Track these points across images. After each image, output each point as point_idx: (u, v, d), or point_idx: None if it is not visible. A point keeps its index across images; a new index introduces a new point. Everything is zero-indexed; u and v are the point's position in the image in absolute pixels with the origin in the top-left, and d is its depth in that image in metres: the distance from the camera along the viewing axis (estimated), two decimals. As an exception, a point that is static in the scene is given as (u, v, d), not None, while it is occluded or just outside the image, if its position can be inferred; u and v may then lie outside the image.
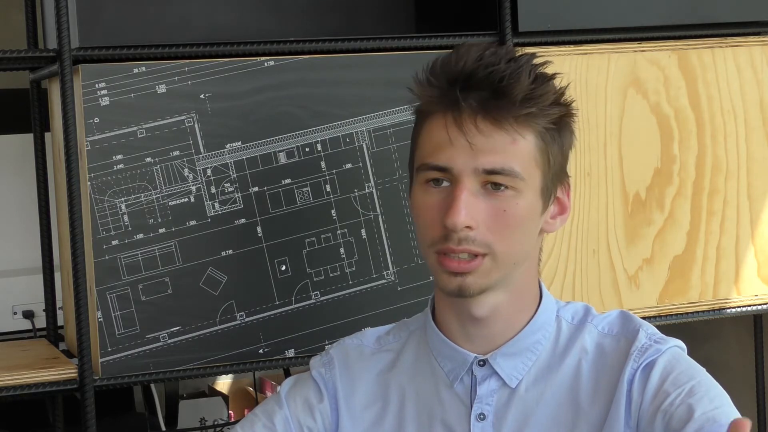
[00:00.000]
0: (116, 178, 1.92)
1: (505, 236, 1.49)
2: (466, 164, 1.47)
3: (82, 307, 1.92)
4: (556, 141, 1.52)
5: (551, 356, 1.55)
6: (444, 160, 1.48)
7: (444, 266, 1.49)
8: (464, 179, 1.47)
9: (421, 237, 1.53)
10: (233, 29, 2.10)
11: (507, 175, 1.47)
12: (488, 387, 1.54)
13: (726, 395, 1.47)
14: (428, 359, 1.59)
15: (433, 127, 1.51)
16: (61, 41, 1.92)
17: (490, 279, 1.50)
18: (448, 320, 1.57)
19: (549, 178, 1.52)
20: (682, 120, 2.23)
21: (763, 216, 2.29)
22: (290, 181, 2.00)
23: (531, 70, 1.48)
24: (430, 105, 1.52)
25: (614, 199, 2.20)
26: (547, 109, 1.49)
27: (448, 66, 1.50)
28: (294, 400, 1.61)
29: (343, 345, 1.66)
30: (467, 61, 1.48)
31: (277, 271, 2.00)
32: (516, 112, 1.47)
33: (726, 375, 1.72)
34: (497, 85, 1.46)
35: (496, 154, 1.47)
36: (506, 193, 1.48)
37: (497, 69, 1.47)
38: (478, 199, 1.48)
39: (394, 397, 1.59)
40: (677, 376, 1.47)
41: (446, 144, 1.48)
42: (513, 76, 1.46)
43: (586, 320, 1.57)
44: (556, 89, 1.51)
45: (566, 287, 2.17)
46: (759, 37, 2.29)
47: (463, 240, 1.47)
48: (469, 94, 1.47)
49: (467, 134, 1.47)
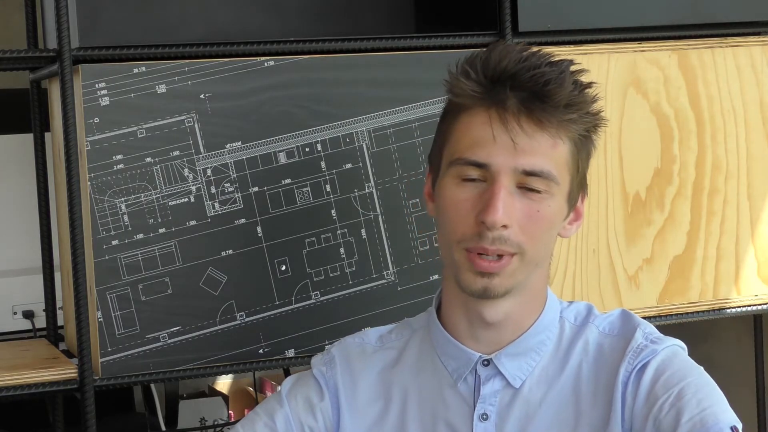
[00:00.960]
0: (116, 178, 1.92)
1: (535, 237, 1.48)
2: (506, 162, 1.46)
3: (82, 307, 1.92)
4: (585, 148, 1.53)
5: (554, 357, 1.55)
6: (484, 156, 1.47)
7: (474, 264, 1.48)
8: (502, 177, 1.46)
9: (449, 232, 1.50)
10: (233, 29, 2.10)
11: (545, 179, 1.47)
12: (492, 387, 1.54)
13: (719, 394, 1.47)
14: (432, 357, 1.59)
15: (472, 122, 1.49)
16: (61, 41, 1.92)
17: (515, 280, 1.50)
18: (456, 320, 1.56)
19: (575, 184, 1.53)
20: (682, 120, 2.23)
21: (763, 216, 2.29)
22: (290, 181, 2.00)
23: (572, 75, 1.49)
24: (470, 99, 1.49)
25: (614, 199, 2.20)
26: (585, 117, 1.49)
27: (489, 63, 1.48)
28: (295, 399, 1.61)
29: (345, 343, 1.66)
30: (510, 60, 1.47)
31: (277, 271, 2.00)
32: (560, 116, 1.47)
33: (726, 375, 1.72)
34: (542, 88, 1.46)
35: (537, 156, 1.47)
36: (541, 195, 1.48)
37: (541, 71, 1.47)
38: (513, 198, 1.47)
39: (396, 396, 1.59)
40: (668, 378, 1.47)
41: (488, 140, 1.47)
42: (557, 80, 1.47)
43: (588, 320, 1.57)
44: (593, 98, 1.51)
45: (566, 287, 2.17)
46: (759, 37, 2.29)
47: (497, 240, 1.46)
48: (514, 92, 1.46)
49: (511, 132, 1.46)
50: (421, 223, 2.06)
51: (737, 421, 1.43)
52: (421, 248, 2.06)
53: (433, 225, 2.05)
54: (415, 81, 2.05)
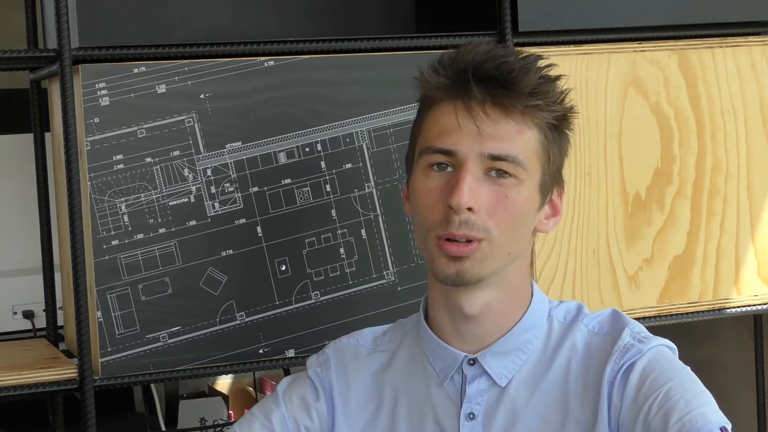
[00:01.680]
0: (116, 178, 1.92)
1: (504, 223, 1.50)
2: (472, 148, 1.49)
3: (82, 307, 1.92)
4: (556, 141, 1.54)
5: (542, 356, 1.55)
6: (450, 143, 1.50)
7: (443, 249, 1.50)
8: (469, 163, 1.49)
9: (421, 222, 1.53)
10: (233, 29, 2.10)
11: (511, 163, 1.49)
12: (478, 386, 1.55)
13: (707, 394, 1.46)
14: (421, 359, 1.59)
15: (440, 113, 1.52)
16: (61, 41, 1.92)
17: (487, 267, 1.50)
18: (440, 318, 1.57)
19: (548, 175, 1.54)
20: (682, 120, 2.23)
21: (763, 216, 2.29)
22: (290, 181, 2.00)
23: (539, 68, 1.52)
24: (437, 92, 1.53)
25: (614, 199, 2.20)
26: (552, 105, 1.52)
27: (456, 58, 1.52)
28: (291, 399, 1.62)
29: (340, 344, 1.66)
30: (476, 54, 1.51)
31: (277, 271, 2.00)
32: (524, 102, 1.49)
33: (726, 375, 1.72)
34: (507, 76, 1.49)
35: (503, 141, 1.49)
36: (509, 181, 1.50)
37: (507, 62, 1.50)
38: (480, 184, 1.49)
39: (387, 397, 1.60)
40: (655, 379, 1.47)
41: (454, 128, 1.50)
42: (522, 69, 1.50)
43: (577, 319, 1.57)
44: (561, 89, 1.54)
45: (566, 287, 2.17)
46: (759, 37, 2.29)
47: (463, 224, 1.48)
48: (480, 83, 1.49)
49: (476, 119, 1.49)
50: (421, 223, 2.06)
51: (726, 422, 1.43)
52: (421, 248, 2.06)
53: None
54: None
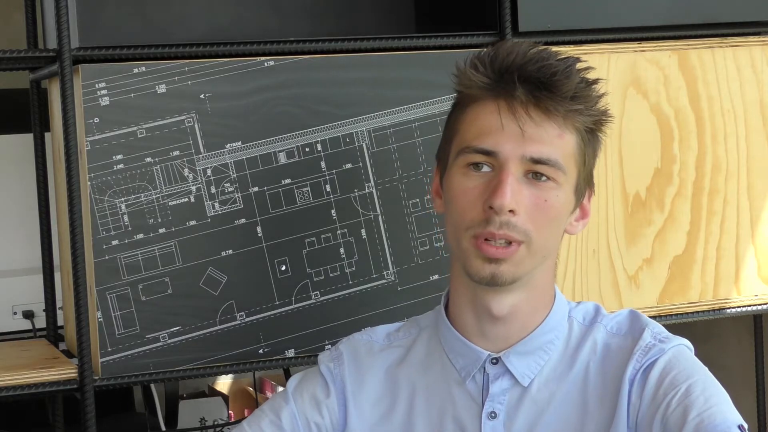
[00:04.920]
0: (116, 178, 1.92)
1: (543, 226, 1.50)
2: (514, 150, 1.49)
3: (82, 307, 1.92)
4: (591, 144, 1.55)
5: (563, 356, 1.56)
6: (492, 144, 1.49)
7: (481, 250, 1.49)
8: (510, 165, 1.49)
9: (457, 220, 1.52)
10: (233, 29, 2.10)
11: (552, 167, 1.49)
12: (500, 385, 1.55)
13: (724, 394, 1.48)
14: (440, 355, 1.59)
15: (481, 112, 1.51)
16: (61, 41, 1.92)
17: (522, 269, 1.50)
18: (464, 317, 1.57)
19: (582, 179, 1.54)
20: (682, 120, 2.23)
21: (763, 216, 2.29)
22: (290, 181, 2.00)
23: (580, 71, 1.52)
24: (479, 91, 1.52)
25: (614, 199, 2.20)
26: (592, 110, 1.52)
27: (497, 57, 1.51)
28: (301, 396, 1.62)
29: (353, 340, 1.66)
30: (518, 54, 1.50)
31: (277, 271, 2.00)
32: (567, 106, 1.49)
33: (726, 375, 1.72)
34: (549, 79, 1.49)
35: (545, 144, 1.49)
36: (548, 184, 1.50)
37: (549, 64, 1.50)
38: (521, 186, 1.49)
39: (403, 393, 1.59)
40: (675, 377, 1.48)
41: (496, 129, 1.49)
42: (564, 72, 1.50)
43: (596, 320, 1.58)
44: (599, 93, 1.54)
45: (566, 287, 2.17)
46: (759, 37, 2.29)
47: (504, 225, 1.48)
48: (522, 84, 1.49)
49: (519, 120, 1.49)
50: (421, 223, 2.06)
51: (743, 422, 1.44)
52: (421, 248, 2.06)
53: (433, 225, 2.05)
54: (415, 81, 2.05)
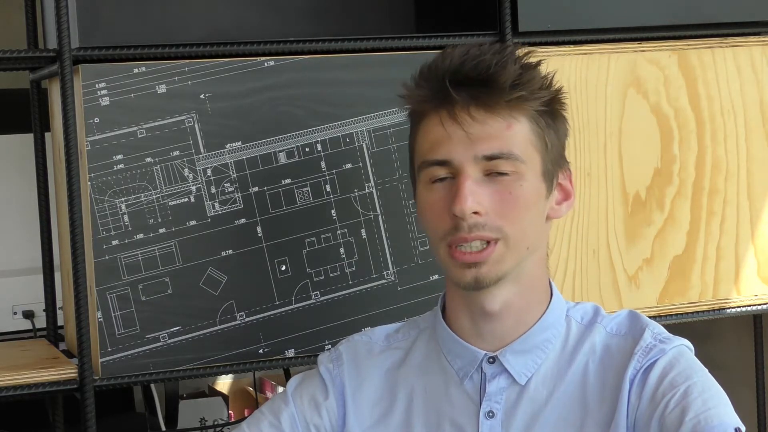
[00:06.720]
0: (116, 178, 1.92)
1: (515, 219, 1.50)
2: (465, 154, 1.49)
3: (82, 307, 1.92)
4: (550, 126, 1.54)
5: (561, 355, 1.56)
6: (443, 153, 1.50)
7: (457, 258, 1.50)
8: (466, 168, 1.49)
9: (432, 233, 1.53)
10: (233, 29, 2.10)
11: (507, 159, 1.49)
12: (498, 384, 1.55)
13: (723, 396, 1.48)
14: (438, 357, 1.59)
15: (428, 126, 1.53)
16: (61, 41, 1.92)
17: (504, 266, 1.51)
18: (459, 317, 1.57)
19: (549, 162, 1.54)
20: (682, 120, 2.23)
21: (763, 216, 2.29)
22: (290, 181, 2.00)
23: (517, 58, 1.52)
24: (422, 105, 1.54)
25: (614, 199, 2.20)
26: (537, 93, 1.52)
27: (435, 66, 1.53)
28: (300, 398, 1.62)
29: (352, 341, 1.66)
30: (453, 58, 1.51)
31: (277, 271, 2.00)
32: (507, 96, 1.49)
33: (726, 375, 1.72)
34: (485, 74, 1.49)
35: (494, 140, 1.49)
36: (509, 177, 1.50)
37: (482, 60, 1.50)
38: (481, 186, 1.49)
39: (401, 395, 1.59)
40: (674, 377, 1.48)
41: (444, 138, 1.50)
42: (499, 64, 1.49)
43: (595, 320, 1.58)
44: (543, 74, 1.53)
45: (566, 287, 2.17)
46: (759, 37, 2.29)
47: (473, 227, 1.48)
48: (460, 87, 1.50)
49: (463, 124, 1.49)
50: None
51: (741, 425, 1.44)
52: (421, 248, 2.06)
53: (433, 225, 2.05)
54: (415, 81, 2.05)
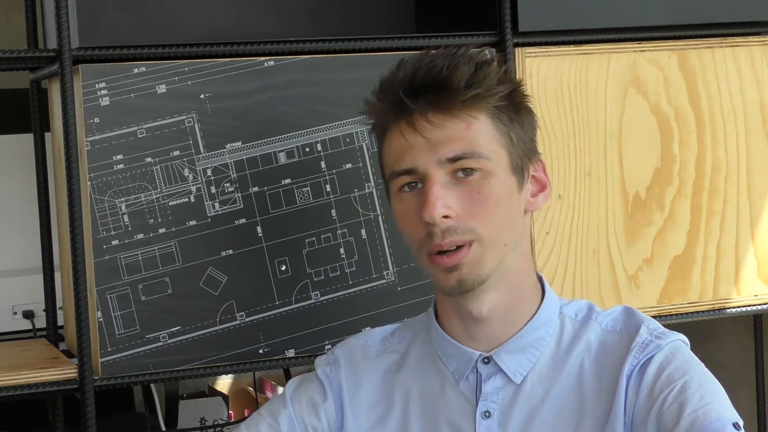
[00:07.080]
0: (116, 178, 1.92)
1: (486, 217, 1.50)
2: (429, 159, 1.50)
3: (82, 307, 1.92)
4: (514, 120, 1.54)
5: (555, 353, 1.56)
6: (408, 162, 1.51)
7: (437, 264, 1.51)
8: (432, 174, 1.50)
9: (409, 243, 1.55)
10: (233, 29, 2.10)
11: (470, 158, 1.50)
12: (493, 384, 1.55)
13: (721, 391, 1.48)
14: (433, 359, 1.59)
15: (391, 138, 1.54)
16: (61, 41, 1.92)
17: (485, 267, 1.51)
18: (450, 320, 1.58)
19: (517, 156, 1.54)
20: (682, 120, 2.23)
21: (763, 216, 2.29)
22: (290, 181, 2.00)
23: (469, 58, 1.51)
24: (383, 118, 1.55)
25: (614, 199, 2.20)
26: (494, 88, 1.52)
27: (391, 78, 1.54)
28: (299, 400, 1.62)
29: (349, 344, 1.66)
30: (407, 68, 1.52)
31: (277, 271, 2.00)
32: (462, 96, 1.50)
33: (726, 375, 1.72)
34: (439, 79, 1.50)
35: (455, 142, 1.50)
36: (476, 176, 1.50)
37: (434, 65, 1.50)
38: (449, 189, 1.50)
39: (398, 398, 1.60)
40: (671, 373, 1.48)
41: (406, 148, 1.51)
42: (452, 66, 1.50)
43: (590, 317, 1.58)
44: (498, 70, 1.53)
45: (566, 287, 2.17)
46: (759, 37, 2.29)
47: (446, 232, 1.49)
48: (416, 95, 1.51)
49: (422, 131, 1.50)
50: (421, 223, 2.06)
51: (739, 419, 1.44)
52: (421, 248, 2.06)
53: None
54: (415, 81, 2.05)
